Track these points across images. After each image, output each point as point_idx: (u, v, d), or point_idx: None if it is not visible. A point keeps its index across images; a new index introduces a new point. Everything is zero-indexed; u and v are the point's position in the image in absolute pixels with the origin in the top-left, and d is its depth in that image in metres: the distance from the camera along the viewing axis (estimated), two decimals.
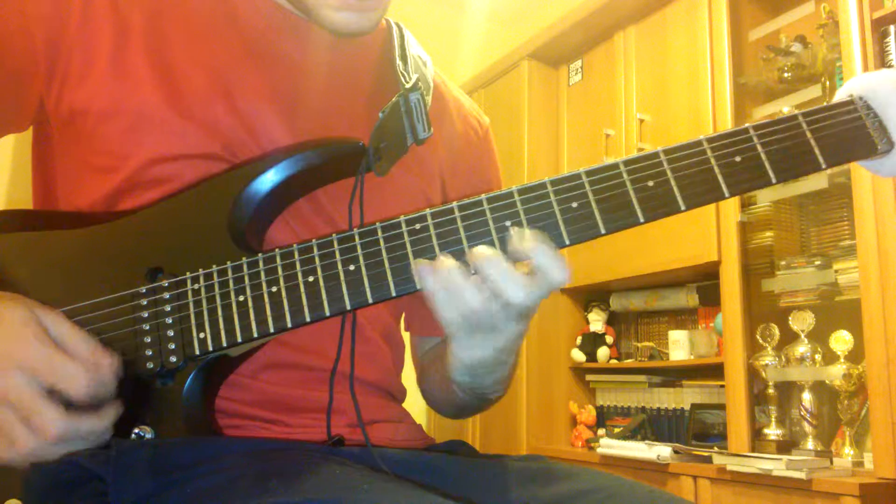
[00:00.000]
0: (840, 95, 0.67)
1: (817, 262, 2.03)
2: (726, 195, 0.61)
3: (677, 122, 2.44)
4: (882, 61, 1.87)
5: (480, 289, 0.58)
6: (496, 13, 3.36)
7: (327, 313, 0.62)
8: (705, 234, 2.24)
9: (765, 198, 2.16)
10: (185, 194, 0.68)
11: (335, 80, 0.80)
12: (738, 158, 0.62)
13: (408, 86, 0.75)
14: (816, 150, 0.63)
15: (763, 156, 0.62)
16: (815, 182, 2.03)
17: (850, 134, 0.64)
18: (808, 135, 0.63)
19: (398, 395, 0.84)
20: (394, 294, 0.61)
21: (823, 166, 0.63)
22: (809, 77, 2.19)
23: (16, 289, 0.63)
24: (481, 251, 0.58)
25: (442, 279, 0.58)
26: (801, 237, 2.19)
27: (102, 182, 0.71)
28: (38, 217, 0.73)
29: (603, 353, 2.80)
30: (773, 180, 0.62)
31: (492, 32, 3.43)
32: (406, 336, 0.91)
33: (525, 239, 0.58)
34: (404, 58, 0.82)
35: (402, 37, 0.86)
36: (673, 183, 0.61)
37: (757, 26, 2.41)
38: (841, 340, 1.96)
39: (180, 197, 0.68)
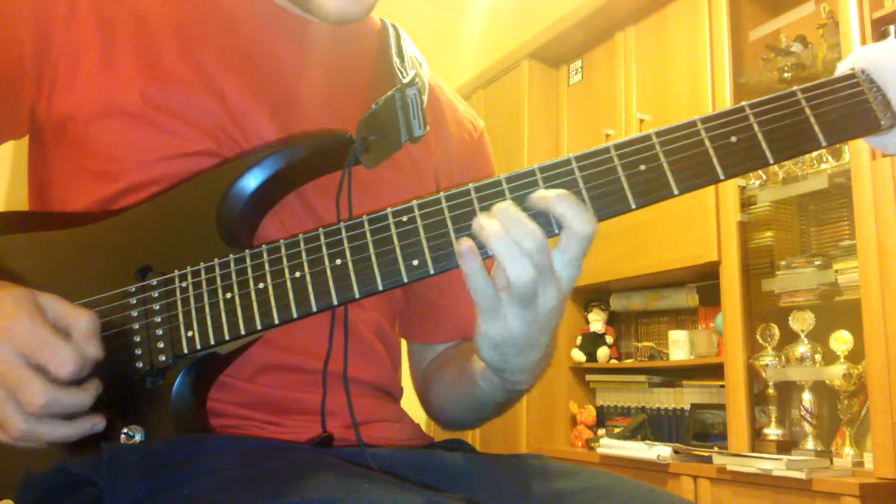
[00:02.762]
0: (841, 69, 0.63)
1: (817, 262, 2.03)
2: (721, 177, 0.59)
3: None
4: None
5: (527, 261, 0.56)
6: (496, 13, 3.36)
7: (314, 309, 0.61)
8: (705, 234, 2.24)
9: (765, 198, 2.16)
10: (174, 192, 0.67)
11: (330, 79, 0.80)
12: (733, 139, 0.59)
13: (405, 80, 0.74)
14: (816, 128, 0.60)
15: (760, 135, 0.59)
16: (816, 182, 2.03)
17: (851, 109, 0.60)
18: (808, 111, 0.60)
19: (395, 393, 0.84)
20: (381, 288, 0.60)
21: (824, 144, 0.60)
22: (810, 77, 2.19)
23: None
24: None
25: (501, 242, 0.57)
26: (801, 237, 2.19)
27: (98, 186, 0.71)
28: (28, 218, 0.73)
29: (603, 353, 2.80)
30: (771, 161, 0.59)
31: (492, 32, 3.43)
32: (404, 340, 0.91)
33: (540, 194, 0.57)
34: (401, 55, 0.82)
35: (398, 36, 0.86)
36: (665, 166, 0.59)
37: (757, 26, 2.41)
38: (841, 340, 1.96)
39: (169, 195, 0.67)
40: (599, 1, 2.69)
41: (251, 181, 0.66)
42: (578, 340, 2.86)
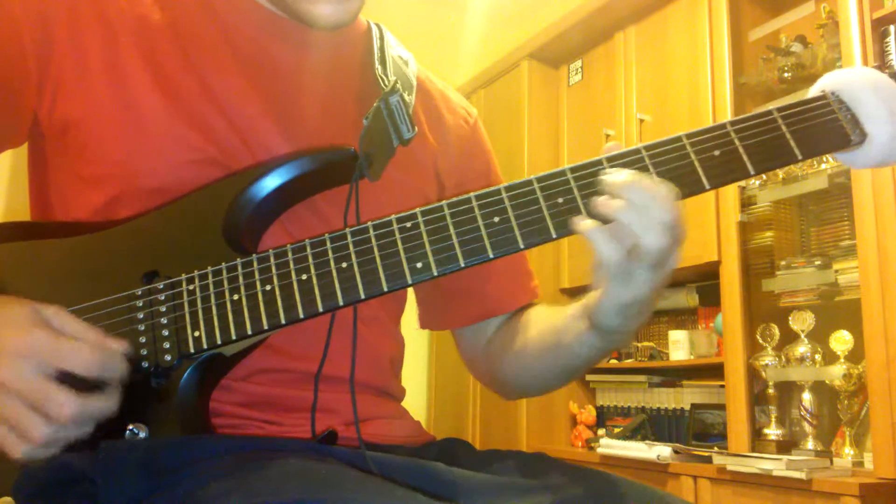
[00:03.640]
0: (813, 92, 0.70)
1: (817, 262, 2.03)
2: (707, 187, 0.64)
3: (677, 122, 2.44)
4: (882, 61, 1.87)
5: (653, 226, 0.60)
6: (496, 13, 3.35)
7: (320, 309, 0.62)
8: (705, 234, 2.24)
9: (765, 198, 2.16)
10: (182, 201, 0.68)
11: (324, 83, 0.81)
12: (716, 153, 0.65)
13: (386, 90, 0.76)
14: (792, 143, 0.66)
15: (741, 149, 0.65)
16: (815, 182, 2.03)
17: (824, 127, 0.67)
18: (784, 129, 0.66)
19: (396, 394, 0.84)
20: (385, 289, 0.62)
21: (800, 158, 0.66)
22: (809, 77, 2.19)
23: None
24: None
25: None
26: (801, 237, 2.19)
27: (98, 191, 0.71)
28: (36, 228, 0.73)
29: None
30: (752, 172, 0.65)
31: (492, 32, 3.42)
32: (407, 335, 0.91)
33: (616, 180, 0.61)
34: (383, 60, 0.83)
35: (381, 38, 0.86)
36: (655, 178, 0.63)
37: (757, 26, 2.42)
38: (841, 340, 1.96)
39: (176, 203, 0.68)
40: (599, 1, 2.70)
41: (258, 192, 0.67)
42: None
